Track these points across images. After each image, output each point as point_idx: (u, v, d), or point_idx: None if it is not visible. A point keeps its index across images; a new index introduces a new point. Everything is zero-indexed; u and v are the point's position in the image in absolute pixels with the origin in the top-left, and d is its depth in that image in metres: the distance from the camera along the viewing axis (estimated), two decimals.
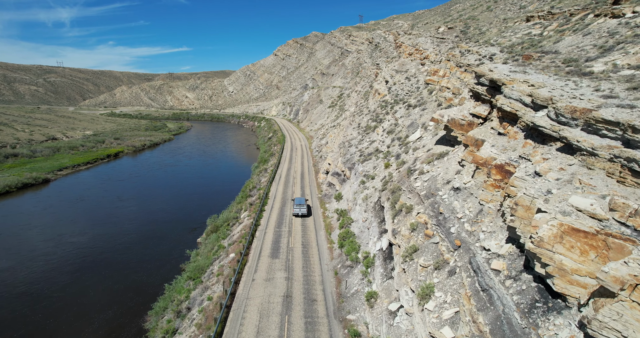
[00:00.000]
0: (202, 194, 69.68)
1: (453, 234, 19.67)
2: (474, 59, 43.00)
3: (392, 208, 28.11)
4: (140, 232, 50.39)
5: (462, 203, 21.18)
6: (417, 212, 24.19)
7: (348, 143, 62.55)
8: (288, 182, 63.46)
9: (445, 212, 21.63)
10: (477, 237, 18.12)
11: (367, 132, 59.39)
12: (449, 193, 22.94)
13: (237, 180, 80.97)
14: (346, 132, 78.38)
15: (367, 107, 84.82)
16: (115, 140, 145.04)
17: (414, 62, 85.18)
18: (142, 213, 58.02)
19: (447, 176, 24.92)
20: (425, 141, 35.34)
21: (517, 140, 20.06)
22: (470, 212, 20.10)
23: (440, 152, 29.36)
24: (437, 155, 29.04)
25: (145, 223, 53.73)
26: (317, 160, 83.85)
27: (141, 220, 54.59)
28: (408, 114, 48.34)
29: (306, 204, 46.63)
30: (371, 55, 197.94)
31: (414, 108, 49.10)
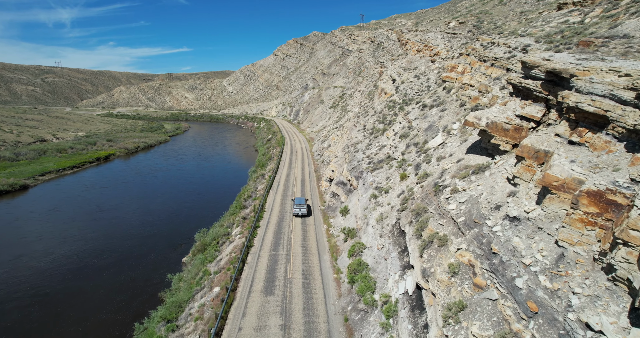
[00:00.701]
0: (193, 203, 63.57)
1: (522, 290, 13.58)
2: (502, 52, 36.96)
3: (417, 237, 22.03)
4: (117, 250, 44.27)
5: (528, 241, 15.08)
6: (456, 247, 18.09)
7: (354, 147, 56.45)
8: (287, 190, 57.35)
9: (502, 252, 15.53)
10: (567, 301, 12.02)
11: (376, 136, 53.31)
12: (502, 224, 16.83)
13: (233, 187, 74.87)
14: (350, 135, 72.31)
15: (372, 108, 78.78)
16: (108, 141, 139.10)
17: (423, 59, 79.16)
18: (123, 226, 51.87)
19: (495, 199, 18.81)
20: (451, 149, 29.27)
21: (615, 153, 13.97)
22: (544, 257, 14.00)
23: (477, 164, 23.26)
24: (474, 168, 22.95)
25: (125, 238, 47.59)
26: (319, 164, 77.76)
27: (120, 235, 48.44)
28: (424, 115, 42.27)
29: (306, 204, 46.23)
30: (374, 54, 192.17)
31: (430, 109, 43.03)
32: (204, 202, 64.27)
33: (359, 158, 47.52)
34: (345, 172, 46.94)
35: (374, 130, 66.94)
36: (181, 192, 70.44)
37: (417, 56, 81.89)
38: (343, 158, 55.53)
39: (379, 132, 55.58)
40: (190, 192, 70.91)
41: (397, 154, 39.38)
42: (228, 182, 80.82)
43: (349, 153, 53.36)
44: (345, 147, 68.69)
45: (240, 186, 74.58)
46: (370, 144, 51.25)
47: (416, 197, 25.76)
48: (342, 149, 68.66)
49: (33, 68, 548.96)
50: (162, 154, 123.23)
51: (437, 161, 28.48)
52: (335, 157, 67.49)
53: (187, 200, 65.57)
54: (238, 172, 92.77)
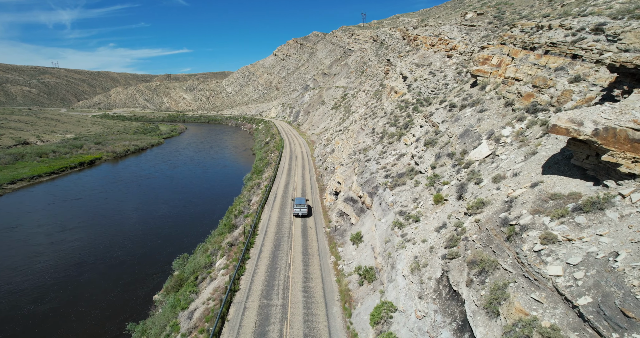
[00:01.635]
0: (177, 219, 55.16)
1: None
2: (561, 35, 28.71)
3: (489, 313, 13.72)
4: (73, 285, 35.84)
5: None
6: None
7: (363, 155, 48.12)
8: (285, 204, 48.96)
9: None
10: None
11: (390, 141, 44.95)
12: None
13: (225, 197, 66.53)
14: (357, 139, 64.03)
15: (381, 108, 70.54)
16: (96, 144, 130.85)
17: (437, 54, 70.95)
18: (87, 250, 43.37)
19: None
20: (509, 164, 20.97)
21: None
22: None
23: (578, 194, 14.94)
24: (574, 199, 14.66)
25: (86, 269, 39.15)
26: (321, 172, 69.43)
27: (81, 264, 39.90)
28: (454, 117, 33.94)
29: (306, 204, 45.61)
30: (377, 53, 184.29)
31: (461, 109, 34.71)
32: (189, 218, 55.86)
33: (372, 169, 39.13)
34: (356, 186, 38.60)
35: (385, 134, 58.71)
36: (165, 204, 62.02)
37: (430, 51, 73.69)
38: (351, 167, 47.18)
39: (393, 136, 47.22)
40: (175, 204, 62.49)
41: (423, 167, 31.03)
42: (220, 192, 72.48)
43: (358, 162, 44.99)
44: (352, 153, 60.43)
45: (234, 196, 66.33)
46: (384, 151, 42.88)
47: (471, 237, 17.47)
48: (349, 156, 60.40)
49: (29, 68, 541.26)
50: (152, 158, 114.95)
51: (493, 182, 20.20)
52: (341, 164, 59.17)
53: (170, 214, 57.16)
54: (232, 179, 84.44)
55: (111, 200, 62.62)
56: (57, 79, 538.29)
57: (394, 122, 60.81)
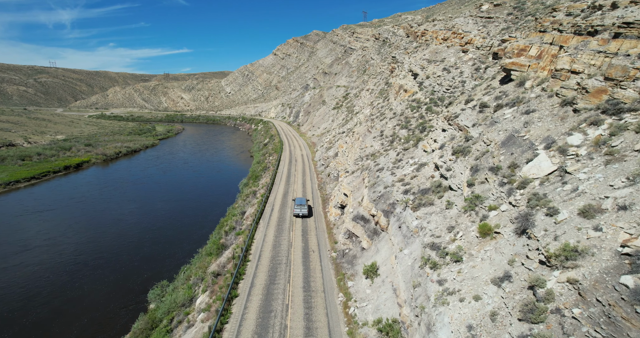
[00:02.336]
0: (161, 235, 48.73)
1: None
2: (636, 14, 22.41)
3: None
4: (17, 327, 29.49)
5: None
6: None
7: (373, 162, 41.73)
8: (283, 219, 42.61)
9: None
10: None
11: (405, 147, 38.53)
12: None
13: (217, 207, 60.23)
14: (364, 142, 57.73)
15: (389, 109, 64.22)
16: (86, 146, 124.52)
17: (451, 49, 64.63)
18: (43, 280, 36.74)
19: None
20: (602, 188, 14.69)
21: None
22: None
23: None
24: None
25: (41, 302, 32.78)
26: (324, 179, 63.08)
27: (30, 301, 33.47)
28: (488, 120, 27.62)
29: (307, 204, 44.93)
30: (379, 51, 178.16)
31: (495, 110, 28.36)
32: (175, 233, 49.48)
33: (387, 181, 32.74)
34: (367, 201, 32.25)
35: (396, 137, 52.44)
36: (150, 216, 55.59)
37: (443, 46, 67.37)
38: (359, 177, 40.79)
39: (408, 141, 40.80)
40: (161, 216, 56.05)
41: (455, 182, 24.66)
42: (213, 200, 66.12)
43: (368, 171, 38.59)
44: (358, 158, 54.12)
45: (228, 205, 60.08)
46: (399, 159, 36.46)
47: (570, 311, 11.18)
48: (355, 161, 54.09)
49: (26, 68, 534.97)
50: (144, 161, 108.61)
51: (581, 216, 13.88)
52: (346, 172, 52.85)
53: (154, 228, 50.76)
54: (227, 186, 78.12)
55: (88, 211, 56.12)
56: (54, 78, 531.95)
57: (405, 124, 54.55)
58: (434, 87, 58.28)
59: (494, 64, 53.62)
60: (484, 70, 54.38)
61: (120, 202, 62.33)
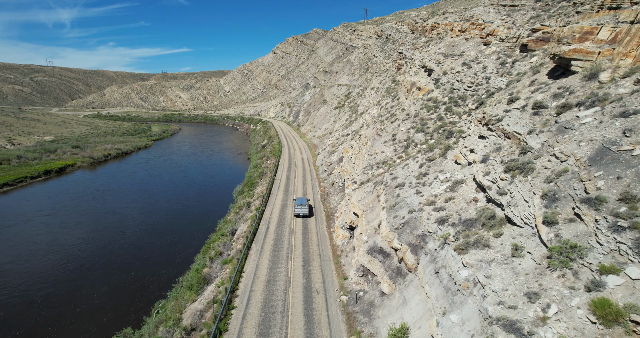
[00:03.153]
0: (136, 260, 41.38)
1: None
2: None
3: None
4: None
5: None
6: None
7: (389, 174, 34.48)
8: (280, 243, 35.43)
9: None
10: None
11: (430, 157, 31.23)
12: None
13: (206, 222, 53.12)
14: (373, 148, 50.59)
15: (401, 109, 57.03)
16: (73, 148, 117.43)
17: (470, 42, 57.46)
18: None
19: None
20: None
21: None
22: None
23: None
24: None
25: None
26: (327, 189, 55.89)
27: None
28: (553, 126, 20.49)
29: (308, 204, 43.82)
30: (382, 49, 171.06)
31: (562, 112, 21.18)
32: (154, 255, 42.18)
33: (412, 203, 25.54)
34: (386, 229, 25.07)
35: (411, 143, 45.33)
36: (127, 234, 48.24)
37: (460, 38, 60.15)
38: (372, 193, 33.56)
39: (431, 149, 33.56)
40: (141, 232, 48.76)
41: (518, 213, 17.48)
42: (203, 211, 58.96)
43: (384, 187, 31.35)
44: (367, 166, 46.97)
45: (219, 218, 53.04)
46: (424, 173, 29.19)
47: None
48: (363, 170, 46.93)
49: (22, 67, 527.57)
50: (133, 165, 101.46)
51: None
52: (354, 182, 45.71)
53: (130, 249, 43.47)
54: (221, 193, 71.00)
55: (54, 228, 48.55)
56: (51, 77, 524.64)
57: (421, 126, 47.44)
58: (452, 85, 51.14)
59: (523, 57, 46.50)
60: (511, 64, 47.26)
61: (97, 214, 55.03)
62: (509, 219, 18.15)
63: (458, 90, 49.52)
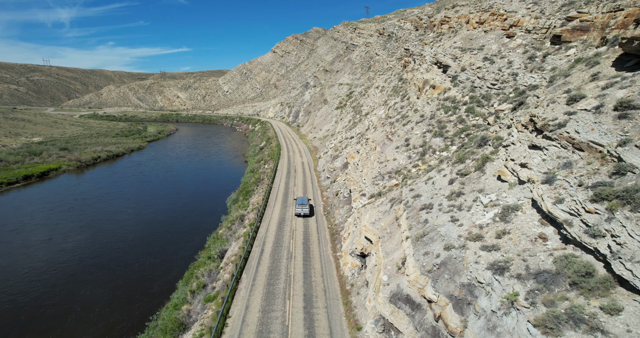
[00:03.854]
0: (106, 292, 35.12)
1: None
2: None
3: None
4: None
5: None
6: None
7: (408, 189, 28.22)
8: (276, 273, 29.25)
9: None
10: None
11: (463, 171, 24.93)
12: None
13: (194, 237, 46.99)
14: (383, 154, 44.44)
15: (413, 110, 50.84)
16: (61, 151, 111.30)
17: (491, 35, 51.29)
18: None
19: None
20: None
21: None
22: None
23: None
24: None
25: None
26: (330, 199, 49.66)
27: None
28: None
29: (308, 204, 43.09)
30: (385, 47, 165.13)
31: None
32: (128, 285, 35.80)
33: (449, 236, 19.33)
34: (415, 271, 18.88)
35: (428, 149, 39.20)
36: (100, 255, 41.82)
37: (478, 31, 53.99)
38: (389, 213, 27.35)
39: (464, 161, 27.33)
40: (117, 253, 42.37)
41: (633, 269, 11.33)
42: (192, 223, 52.79)
43: (406, 207, 25.12)
44: (378, 175, 40.81)
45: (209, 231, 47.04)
46: (458, 192, 22.96)
47: None
48: (373, 180, 40.77)
49: (19, 66, 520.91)
50: (122, 169, 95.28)
51: None
52: (362, 194, 39.54)
53: (100, 275, 37.15)
54: (214, 201, 64.87)
55: (14, 248, 42.30)
56: (47, 77, 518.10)
57: (439, 130, 41.31)
58: (473, 82, 45.00)
59: (557, 50, 40.38)
60: (541, 58, 41.15)
61: (69, 229, 48.70)
62: (622, 281, 11.96)
63: (480, 88, 43.39)
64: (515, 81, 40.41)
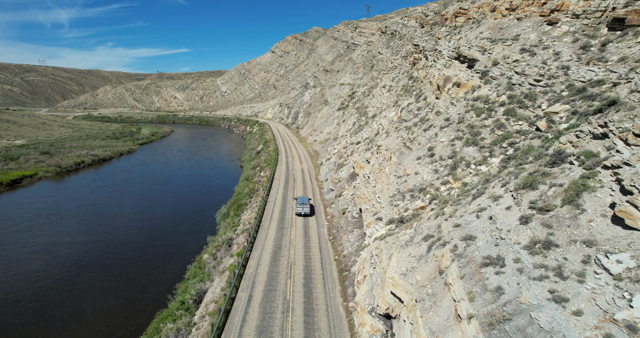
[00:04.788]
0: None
1: None
2: None
3: None
4: None
5: None
6: None
7: (452, 226, 20.21)
8: (267, 328, 21.27)
9: None
10: None
11: (543, 208, 16.91)
12: None
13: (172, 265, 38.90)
14: (401, 165, 36.40)
15: (435, 112, 42.77)
16: (42, 155, 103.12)
17: (525, 22, 43.32)
18: None
19: None
20: None
21: None
22: None
23: None
24: None
25: None
26: (337, 220, 41.48)
27: None
28: None
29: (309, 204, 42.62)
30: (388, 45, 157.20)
31: None
32: (85, 332, 27.86)
33: (554, 331, 11.28)
34: None
35: (460, 161, 31.21)
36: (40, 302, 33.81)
37: (509, 19, 46.08)
38: (427, 260, 19.31)
39: (527, 185, 19.24)
40: (64, 298, 34.16)
41: None
42: (172, 247, 44.65)
43: (458, 259, 17.10)
44: (397, 194, 32.79)
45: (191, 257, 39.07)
46: (544, 240, 14.94)
47: None
48: (390, 199, 32.73)
49: (14, 66, 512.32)
50: (106, 175, 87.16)
51: None
52: (378, 218, 31.50)
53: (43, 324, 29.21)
54: (201, 216, 56.80)
55: None
56: (43, 77, 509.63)
57: (471, 137, 33.29)
58: (510, 78, 36.98)
59: (621, 37, 32.44)
60: (599, 47, 33.13)
61: (15, 258, 40.24)
62: None
63: (520, 85, 35.38)
64: (567, 76, 32.36)
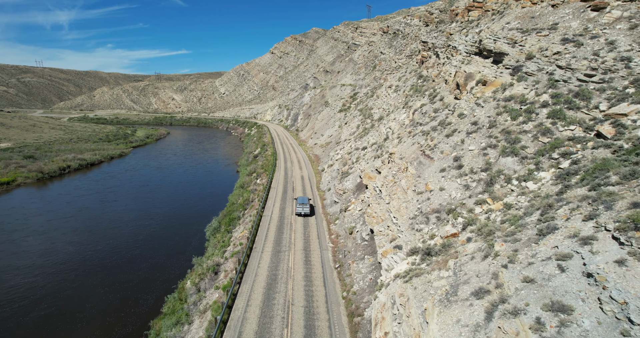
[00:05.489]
0: None
1: None
2: None
3: None
4: None
5: None
6: None
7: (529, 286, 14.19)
8: None
9: None
10: None
11: None
12: None
13: (148, 296, 32.80)
14: (421, 178, 30.33)
15: (457, 114, 36.68)
16: (26, 159, 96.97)
17: (563, 9, 37.27)
18: None
19: None
20: None
21: None
22: None
23: None
24: None
25: None
26: (343, 240, 35.35)
27: None
28: None
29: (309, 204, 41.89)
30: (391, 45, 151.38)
31: None
32: None
33: None
34: None
35: (497, 175, 25.11)
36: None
37: (541, 7, 40.18)
38: (484, 330, 13.21)
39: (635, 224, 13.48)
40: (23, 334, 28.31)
41: None
42: (152, 270, 38.50)
43: None
44: (418, 215, 26.72)
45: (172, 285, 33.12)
46: None
47: None
48: (411, 223, 26.69)
49: (10, 67, 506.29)
50: (90, 182, 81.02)
51: None
52: (397, 246, 25.49)
53: None
54: (189, 230, 50.67)
55: None
56: (39, 78, 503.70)
57: (508, 145, 27.16)
58: (552, 74, 30.89)
59: None
60: None
61: None
62: None
63: (567, 82, 29.29)
64: (629, 69, 26.32)
